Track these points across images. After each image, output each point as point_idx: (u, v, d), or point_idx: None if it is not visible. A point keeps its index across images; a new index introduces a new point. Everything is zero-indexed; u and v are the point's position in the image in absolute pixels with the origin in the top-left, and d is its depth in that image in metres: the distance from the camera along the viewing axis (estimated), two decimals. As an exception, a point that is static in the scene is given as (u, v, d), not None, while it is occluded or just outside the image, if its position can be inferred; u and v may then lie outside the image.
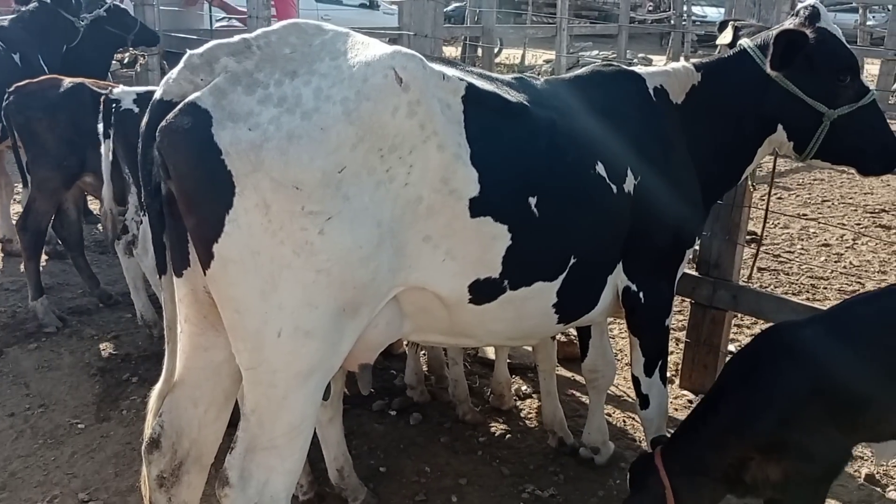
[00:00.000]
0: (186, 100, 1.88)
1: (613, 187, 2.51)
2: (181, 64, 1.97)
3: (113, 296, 4.75)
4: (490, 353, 4.15)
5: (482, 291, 2.30)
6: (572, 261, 2.46)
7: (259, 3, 5.89)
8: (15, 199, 6.02)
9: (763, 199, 3.83)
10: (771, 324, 4.33)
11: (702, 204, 2.83)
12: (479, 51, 12.58)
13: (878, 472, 3.32)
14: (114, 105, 3.82)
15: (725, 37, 2.92)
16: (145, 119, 1.97)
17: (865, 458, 3.43)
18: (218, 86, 1.89)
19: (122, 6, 6.06)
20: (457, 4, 19.11)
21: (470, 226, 2.20)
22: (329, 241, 1.93)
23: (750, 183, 3.21)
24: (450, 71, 2.22)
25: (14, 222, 5.50)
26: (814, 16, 2.65)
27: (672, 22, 18.42)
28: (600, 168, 2.49)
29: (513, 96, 2.37)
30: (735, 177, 2.95)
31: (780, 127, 2.79)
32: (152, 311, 4.32)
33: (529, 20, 18.74)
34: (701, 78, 2.82)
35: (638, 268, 2.67)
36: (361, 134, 1.95)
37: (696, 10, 21.50)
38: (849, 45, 2.74)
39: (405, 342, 3.90)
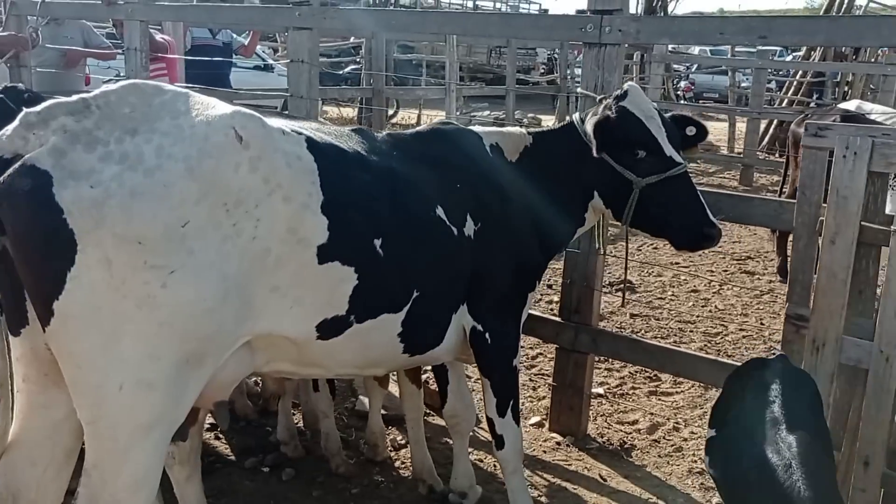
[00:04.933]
0: (24, 160, 1.91)
1: (454, 230, 2.69)
2: (17, 121, 2.00)
3: None
4: (367, 405, 4.20)
5: (329, 328, 2.41)
6: (415, 294, 2.59)
7: (137, 65, 5.88)
8: None
9: (640, 250, 4.07)
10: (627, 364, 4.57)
11: (539, 254, 3.02)
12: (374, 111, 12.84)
13: (728, 502, 3.53)
14: None
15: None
16: None
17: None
18: (56, 145, 1.93)
19: None
20: (353, 67, 19.45)
21: (318, 272, 2.30)
22: (172, 295, 1.98)
23: (599, 244, 3.43)
24: (289, 127, 2.33)
25: None
26: (622, 96, 2.92)
27: (558, 83, 19.27)
28: (440, 212, 2.66)
29: (351, 147, 2.52)
30: (567, 234, 3.17)
31: (596, 194, 3.03)
32: None
33: (424, 82, 19.27)
34: (532, 141, 3.07)
35: (482, 309, 2.83)
36: (205, 190, 2.03)
37: (579, 71, 22.60)
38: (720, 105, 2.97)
39: (278, 400, 3.92)
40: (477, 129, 3.10)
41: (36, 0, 6.65)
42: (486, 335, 2.87)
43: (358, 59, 16.29)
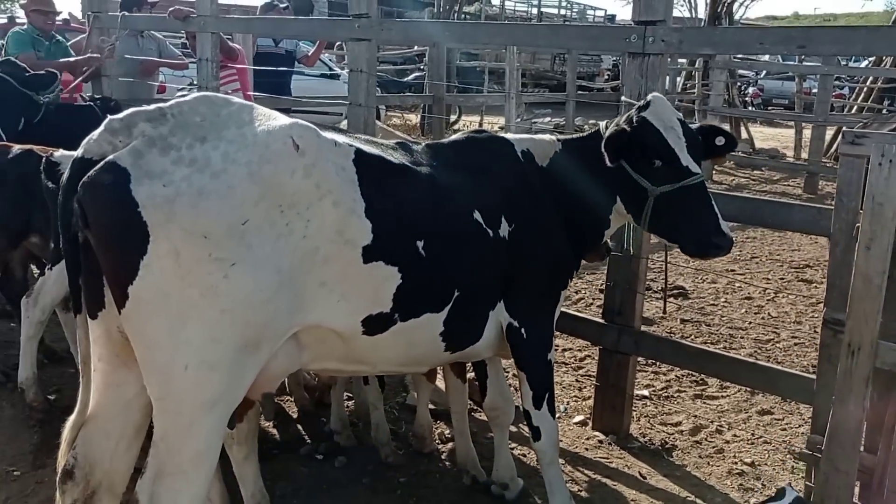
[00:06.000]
0: (107, 159, 2.16)
1: (490, 232, 2.86)
2: (102, 127, 2.25)
3: (57, 352, 4.91)
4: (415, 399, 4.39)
5: (374, 325, 2.59)
6: (456, 294, 2.77)
7: (208, 74, 6.21)
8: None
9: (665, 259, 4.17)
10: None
11: (570, 253, 3.16)
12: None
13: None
14: (52, 169, 4.05)
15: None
16: (66, 174, 2.24)
17: (755, 489, 3.70)
18: (136, 147, 2.17)
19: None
20: (417, 75, 19.77)
21: (363, 270, 2.49)
22: (233, 285, 2.20)
23: (627, 245, 3.54)
24: (340, 139, 2.54)
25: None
26: (645, 106, 3.02)
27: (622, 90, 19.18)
28: (477, 216, 2.83)
29: (395, 157, 2.71)
30: (595, 236, 3.28)
31: (618, 198, 3.15)
32: (93, 365, 4.50)
33: (486, 89, 19.49)
34: (561, 147, 3.22)
35: (518, 306, 2.99)
36: (263, 192, 2.25)
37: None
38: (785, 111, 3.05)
39: (331, 392, 4.14)
40: (509, 136, 3.27)
41: (117, 14, 7.10)
42: (522, 331, 3.03)
43: (422, 67, 16.59)
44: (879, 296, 3.00)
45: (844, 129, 3.15)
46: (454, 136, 3.24)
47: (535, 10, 32.67)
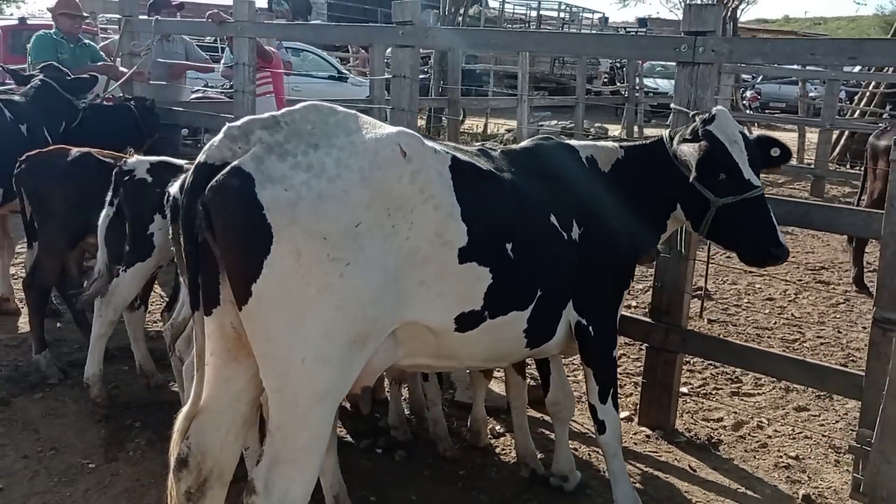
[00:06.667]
0: (232, 164, 2.29)
1: (564, 235, 3.02)
2: (221, 133, 2.39)
3: (109, 349, 5.02)
4: (464, 397, 4.53)
5: (466, 322, 2.74)
6: (538, 293, 2.93)
7: (245, 78, 6.34)
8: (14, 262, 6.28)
9: (713, 259, 4.35)
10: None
11: (632, 256, 3.32)
12: (444, 120, 13.23)
13: (812, 493, 3.74)
14: (126, 175, 4.18)
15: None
16: (189, 178, 2.37)
17: (802, 481, 3.86)
18: (256, 154, 2.31)
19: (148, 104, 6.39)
20: (421, 77, 19.89)
21: (459, 270, 2.63)
22: (347, 283, 2.34)
23: (681, 248, 3.69)
24: (438, 147, 2.70)
25: (11, 282, 5.81)
26: (709, 119, 3.18)
27: (625, 94, 19.41)
28: (553, 219, 2.99)
29: (483, 164, 2.86)
30: (653, 239, 3.44)
31: (678, 206, 3.31)
32: (151, 362, 4.63)
33: (491, 92, 19.66)
34: (623, 154, 3.37)
35: (586, 305, 3.15)
36: (374, 196, 2.39)
37: (648, 82, 22.69)
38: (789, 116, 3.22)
39: (387, 389, 4.28)
40: (573, 142, 3.42)
41: (150, 18, 7.22)
42: (590, 328, 3.18)
43: (426, 70, 16.74)
44: (930, 296, 3.17)
45: (889, 138, 3.31)
46: (524, 143, 3.38)
47: (533, 13, 32.84)
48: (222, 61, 8.78)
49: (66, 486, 3.59)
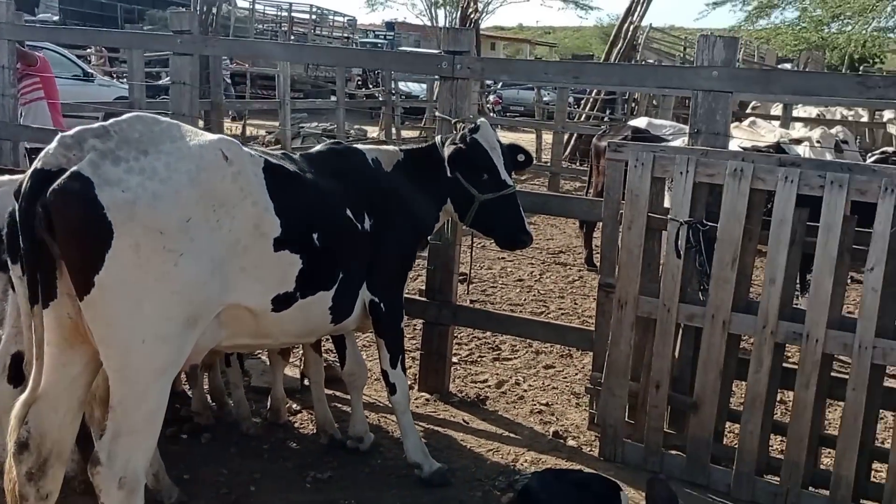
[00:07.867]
0: (71, 170, 2.54)
1: (359, 225, 3.55)
2: (55, 142, 2.62)
3: None
4: (260, 382, 4.92)
5: (282, 302, 3.18)
6: (340, 276, 3.43)
7: (6, 82, 6.15)
8: None
9: (471, 248, 5.14)
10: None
11: (414, 243, 3.94)
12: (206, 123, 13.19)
13: (560, 430, 4.60)
14: None
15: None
16: (27, 183, 2.58)
17: (552, 422, 4.72)
18: (92, 160, 2.58)
19: None
20: (167, 80, 19.37)
21: (274, 257, 3.07)
22: (181, 271, 2.69)
23: (450, 236, 4.39)
24: (253, 151, 3.12)
25: None
26: (475, 129, 3.91)
27: (381, 97, 20.32)
28: (349, 212, 3.51)
29: (289, 166, 3.32)
30: (428, 229, 4.09)
31: (448, 200, 4.01)
32: None
33: (248, 95, 19.67)
34: (403, 157, 3.99)
35: (378, 286, 3.70)
36: (201, 194, 2.75)
37: (402, 86, 23.83)
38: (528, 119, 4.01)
39: (183, 381, 4.56)
40: (361, 146, 3.98)
41: None
42: (381, 305, 3.74)
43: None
44: (638, 263, 4.10)
45: (609, 140, 4.23)
46: (318, 148, 3.85)
47: (284, 14, 32.97)
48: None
49: None
